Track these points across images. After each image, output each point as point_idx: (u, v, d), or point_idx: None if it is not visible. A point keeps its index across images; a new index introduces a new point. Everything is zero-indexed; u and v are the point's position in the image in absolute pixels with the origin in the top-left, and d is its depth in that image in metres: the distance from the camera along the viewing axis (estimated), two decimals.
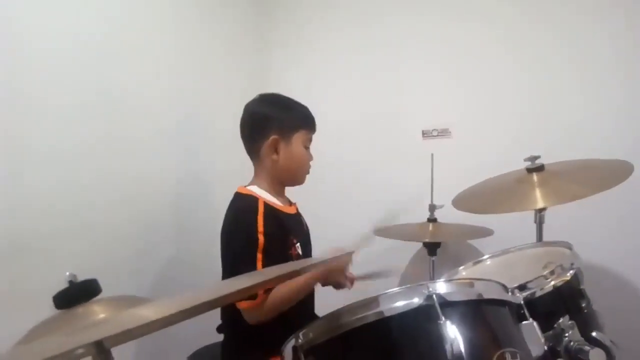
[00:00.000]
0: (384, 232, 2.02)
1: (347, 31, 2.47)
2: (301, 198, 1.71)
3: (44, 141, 1.38)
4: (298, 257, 1.48)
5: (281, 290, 1.37)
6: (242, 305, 1.37)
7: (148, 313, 0.65)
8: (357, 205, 2.44)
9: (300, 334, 0.97)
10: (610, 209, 1.93)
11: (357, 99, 2.47)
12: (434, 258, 2.03)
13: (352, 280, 1.65)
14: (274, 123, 1.51)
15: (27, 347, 0.74)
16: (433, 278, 2.02)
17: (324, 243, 2.24)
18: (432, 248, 2.03)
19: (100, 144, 1.56)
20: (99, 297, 0.85)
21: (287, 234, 1.47)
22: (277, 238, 1.42)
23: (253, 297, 1.34)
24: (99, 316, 0.79)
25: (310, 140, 1.58)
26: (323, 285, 1.72)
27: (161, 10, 1.86)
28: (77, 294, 0.83)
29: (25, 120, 1.34)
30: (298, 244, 1.49)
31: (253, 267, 1.36)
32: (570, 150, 1.83)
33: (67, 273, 0.84)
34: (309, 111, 1.59)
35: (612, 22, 2.05)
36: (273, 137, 1.49)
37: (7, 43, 1.29)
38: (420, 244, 2.16)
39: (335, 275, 1.55)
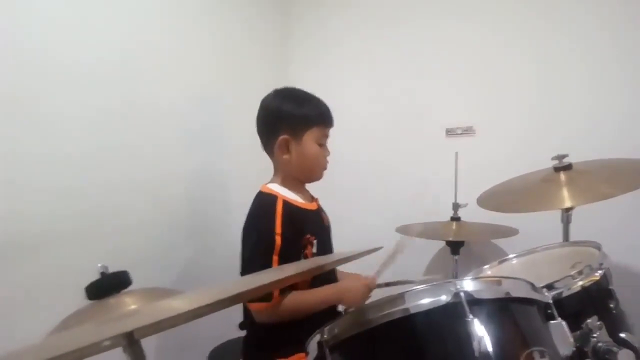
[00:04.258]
0: (406, 230, 2.02)
1: (370, 29, 2.47)
2: (324, 196, 1.71)
3: (76, 147, 1.45)
4: (312, 256, 1.46)
5: (299, 299, 1.38)
6: (256, 307, 1.38)
7: (179, 304, 0.65)
8: (380, 203, 2.44)
9: (326, 330, 0.96)
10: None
11: (380, 96, 2.47)
12: (457, 257, 2.02)
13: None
14: (285, 121, 1.49)
15: (59, 336, 0.76)
16: (456, 277, 2.00)
17: (346, 242, 2.25)
18: (455, 247, 2.02)
19: (128, 147, 1.62)
20: (129, 288, 0.86)
21: (303, 233, 1.45)
22: (294, 239, 1.42)
23: (267, 298, 1.34)
24: (130, 307, 0.80)
25: (325, 136, 1.54)
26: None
27: (183, 15, 1.90)
28: (108, 285, 0.84)
29: (59, 128, 1.41)
30: (315, 242, 1.47)
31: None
32: (596, 148, 1.80)
33: (99, 265, 0.85)
34: (323, 106, 1.55)
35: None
36: (283, 136, 1.48)
37: (33, 53, 1.34)
38: (443, 243, 2.14)
39: (353, 301, 1.45)
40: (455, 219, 2.05)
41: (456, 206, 2.05)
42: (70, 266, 1.38)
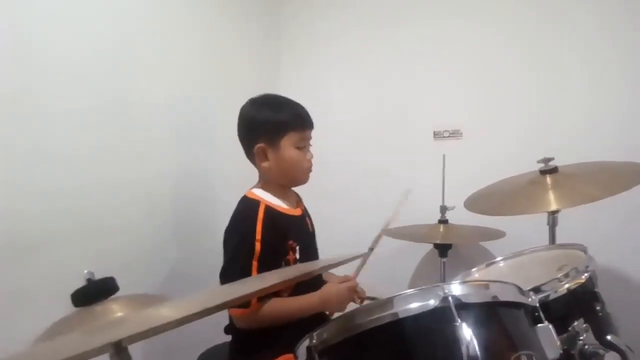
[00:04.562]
0: (394, 233, 2.02)
1: (358, 31, 2.48)
2: (311, 198, 1.71)
3: (60, 145, 1.42)
4: (295, 262, 1.47)
5: (279, 307, 1.39)
6: (234, 312, 1.39)
7: (168, 312, 0.65)
8: (367, 206, 2.44)
9: (315, 334, 0.96)
10: (625, 211, 1.92)
11: (368, 98, 2.47)
12: (444, 260, 2.03)
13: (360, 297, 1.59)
14: (261, 128, 1.50)
15: (47, 345, 0.75)
16: (444, 280, 2.01)
17: (334, 244, 2.25)
18: (443, 250, 2.02)
19: (113, 148, 1.59)
20: (115, 295, 0.85)
21: (286, 239, 1.46)
22: (274, 244, 1.42)
23: (245, 304, 1.35)
24: (116, 314, 0.79)
25: (304, 139, 1.53)
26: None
27: (173, 14, 1.89)
28: (95, 292, 0.83)
29: (43, 125, 1.38)
30: (297, 247, 1.48)
31: (248, 274, 1.37)
32: (582, 151, 1.83)
33: (85, 271, 0.84)
34: (299, 109, 1.54)
35: (622, 21, 2.04)
36: (259, 145, 1.48)
37: (22, 49, 1.32)
38: (431, 245, 2.15)
39: (336, 306, 1.46)
40: (443, 221, 2.05)
41: (444, 209, 2.06)
42: (56, 269, 1.37)
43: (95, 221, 1.53)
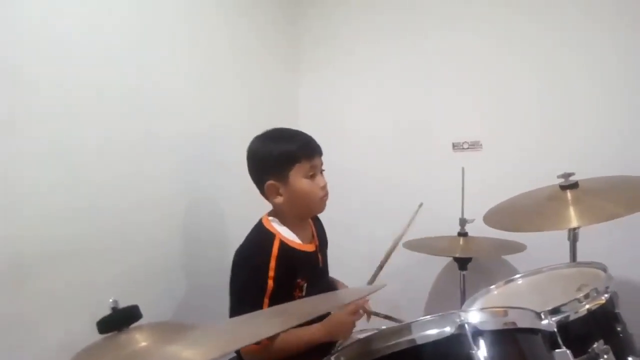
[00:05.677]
0: (413, 245, 2.02)
1: (377, 43, 2.49)
2: (330, 210, 1.72)
3: (91, 170, 1.50)
4: (300, 299, 1.47)
5: (288, 340, 1.39)
6: (245, 349, 1.39)
7: (189, 355, 0.68)
8: (387, 217, 2.44)
9: (332, 358, 0.98)
10: None
11: (387, 110, 2.48)
12: (464, 273, 2.02)
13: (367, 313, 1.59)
14: (267, 165, 1.49)
15: None
16: (464, 293, 2.01)
17: (353, 256, 2.27)
18: (462, 263, 2.02)
19: (127, 171, 1.63)
20: (139, 322, 0.88)
21: (296, 276, 1.46)
22: (286, 281, 1.43)
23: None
24: (140, 344, 0.82)
25: (314, 167, 1.50)
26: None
27: (191, 18, 1.93)
28: (119, 320, 0.86)
29: (76, 153, 1.46)
30: (305, 285, 1.48)
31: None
32: (602, 165, 1.81)
33: (110, 300, 0.87)
34: (304, 138, 1.52)
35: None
36: (269, 182, 1.48)
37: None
38: (451, 258, 2.14)
39: (341, 335, 1.46)
40: (463, 234, 2.05)
41: (463, 221, 2.05)
42: (83, 281, 1.44)
43: (121, 238, 1.59)
